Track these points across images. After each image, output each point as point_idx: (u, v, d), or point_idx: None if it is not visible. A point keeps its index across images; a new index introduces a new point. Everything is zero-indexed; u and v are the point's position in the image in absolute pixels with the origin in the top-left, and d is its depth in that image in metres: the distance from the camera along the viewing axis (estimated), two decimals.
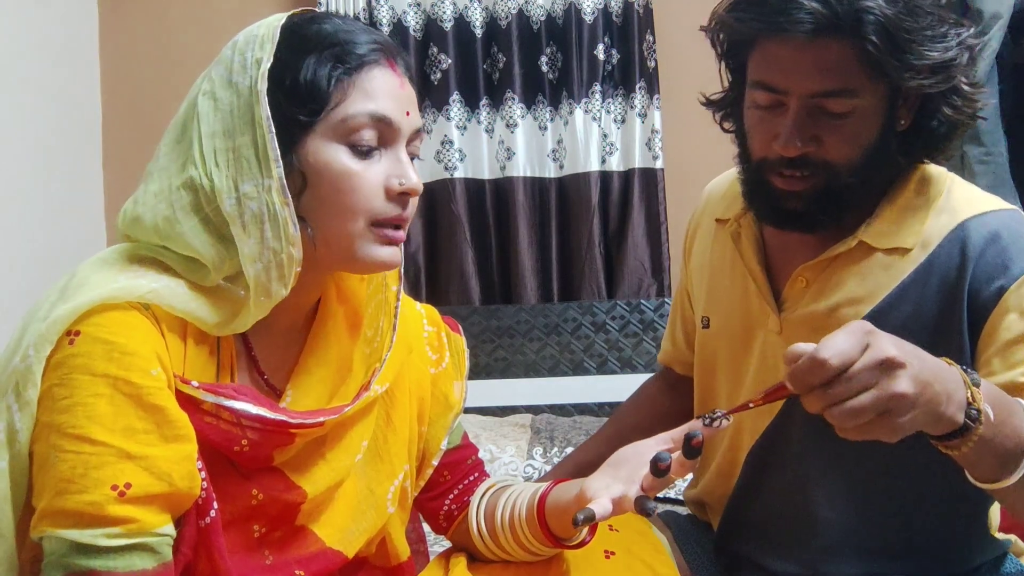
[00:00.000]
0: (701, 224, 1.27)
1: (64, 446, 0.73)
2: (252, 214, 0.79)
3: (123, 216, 0.85)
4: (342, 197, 0.82)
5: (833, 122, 0.97)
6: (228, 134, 0.81)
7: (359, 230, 0.83)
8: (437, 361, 1.03)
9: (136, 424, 0.74)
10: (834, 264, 1.05)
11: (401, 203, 0.85)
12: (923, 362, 0.79)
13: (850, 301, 1.03)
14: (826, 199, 1.01)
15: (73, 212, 2.52)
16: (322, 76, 0.81)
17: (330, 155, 0.82)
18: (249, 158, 0.80)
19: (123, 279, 0.79)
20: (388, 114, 0.83)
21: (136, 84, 2.63)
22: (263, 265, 0.80)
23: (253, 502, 0.83)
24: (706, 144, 2.58)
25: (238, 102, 0.81)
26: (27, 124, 2.32)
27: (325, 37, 0.83)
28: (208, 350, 0.83)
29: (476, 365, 2.39)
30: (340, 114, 0.81)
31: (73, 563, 0.72)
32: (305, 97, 0.81)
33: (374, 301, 0.94)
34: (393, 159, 0.85)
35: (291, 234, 0.80)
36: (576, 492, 0.90)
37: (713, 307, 1.19)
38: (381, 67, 0.84)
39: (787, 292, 1.09)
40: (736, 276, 1.15)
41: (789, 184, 1.01)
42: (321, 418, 0.84)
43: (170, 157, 0.84)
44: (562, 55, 2.53)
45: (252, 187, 0.79)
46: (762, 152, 1.03)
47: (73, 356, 0.74)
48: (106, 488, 0.72)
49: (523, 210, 2.52)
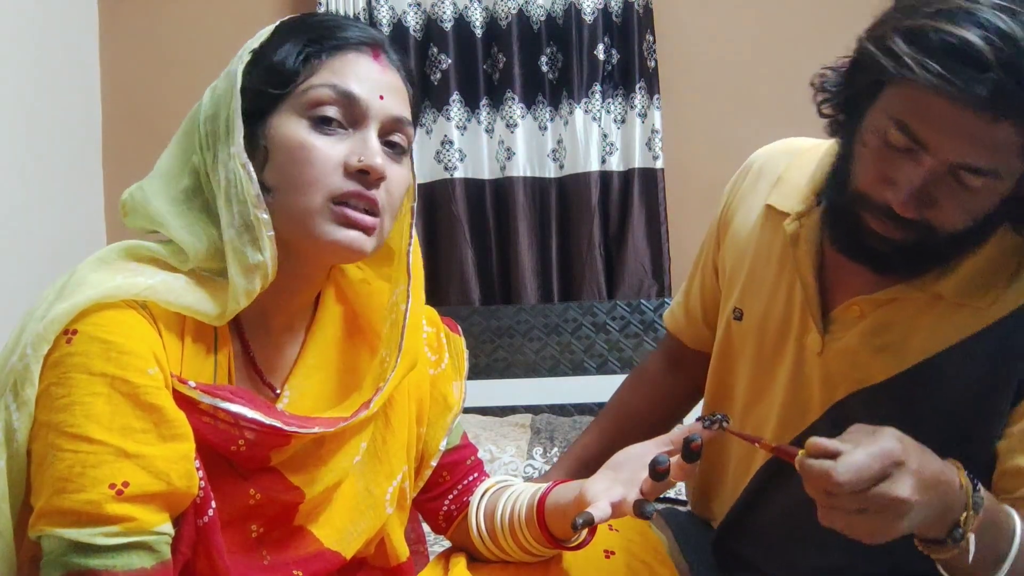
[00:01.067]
0: (746, 200, 1.18)
1: (62, 445, 0.73)
2: (224, 182, 0.81)
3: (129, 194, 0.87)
4: (298, 169, 0.82)
5: (960, 193, 0.88)
6: (214, 116, 0.83)
7: (317, 205, 0.82)
8: (436, 362, 1.02)
9: (133, 423, 0.74)
10: (895, 304, 0.99)
11: (361, 181, 0.83)
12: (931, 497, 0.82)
13: (903, 348, 0.98)
14: (914, 252, 0.94)
15: (73, 212, 2.52)
16: (293, 53, 0.83)
17: (291, 128, 0.82)
18: (222, 130, 0.82)
19: (120, 278, 0.79)
20: (353, 91, 0.83)
21: (136, 84, 2.63)
22: (235, 230, 0.81)
23: (251, 502, 0.83)
24: (706, 144, 2.60)
25: (226, 86, 0.83)
26: (27, 124, 2.32)
27: (310, 25, 0.86)
28: (205, 349, 0.83)
29: (476, 365, 2.40)
30: (305, 88, 0.83)
31: (72, 562, 0.72)
32: (275, 72, 0.83)
33: (388, 321, 0.93)
34: (359, 140, 0.84)
35: (252, 195, 0.80)
36: (576, 494, 0.90)
37: (749, 301, 1.13)
38: (359, 52, 0.85)
39: (837, 315, 1.03)
40: (783, 278, 1.09)
41: (884, 229, 0.93)
42: (316, 428, 0.84)
43: (176, 147, 0.87)
44: (562, 55, 2.52)
45: (223, 157, 0.81)
46: (868, 188, 0.93)
47: (70, 355, 0.74)
48: (104, 487, 0.72)
49: (523, 210, 2.51)
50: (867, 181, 0.93)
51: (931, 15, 0.84)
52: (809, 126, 1.13)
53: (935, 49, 0.83)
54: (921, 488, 0.81)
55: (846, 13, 2.48)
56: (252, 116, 0.82)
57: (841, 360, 1.02)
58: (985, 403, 0.97)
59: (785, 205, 1.09)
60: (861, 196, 0.94)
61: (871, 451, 0.80)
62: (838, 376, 1.02)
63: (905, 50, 0.84)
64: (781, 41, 2.55)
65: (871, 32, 0.92)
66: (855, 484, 0.78)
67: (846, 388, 1.02)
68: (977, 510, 0.86)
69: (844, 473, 0.78)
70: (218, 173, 0.82)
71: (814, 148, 1.13)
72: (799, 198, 1.08)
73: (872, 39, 0.91)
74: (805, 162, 1.12)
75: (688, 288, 1.30)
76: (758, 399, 1.12)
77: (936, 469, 0.84)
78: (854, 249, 0.97)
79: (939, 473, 0.84)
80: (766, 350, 1.10)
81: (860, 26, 0.97)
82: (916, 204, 0.89)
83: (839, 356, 1.02)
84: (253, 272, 0.81)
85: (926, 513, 0.83)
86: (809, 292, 1.04)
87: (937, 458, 0.86)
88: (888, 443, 0.81)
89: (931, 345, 0.97)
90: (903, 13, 0.88)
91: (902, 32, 0.86)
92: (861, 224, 0.94)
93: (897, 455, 0.80)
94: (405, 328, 0.91)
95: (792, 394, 1.06)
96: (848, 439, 0.84)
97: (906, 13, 0.87)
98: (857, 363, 1.00)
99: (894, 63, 0.85)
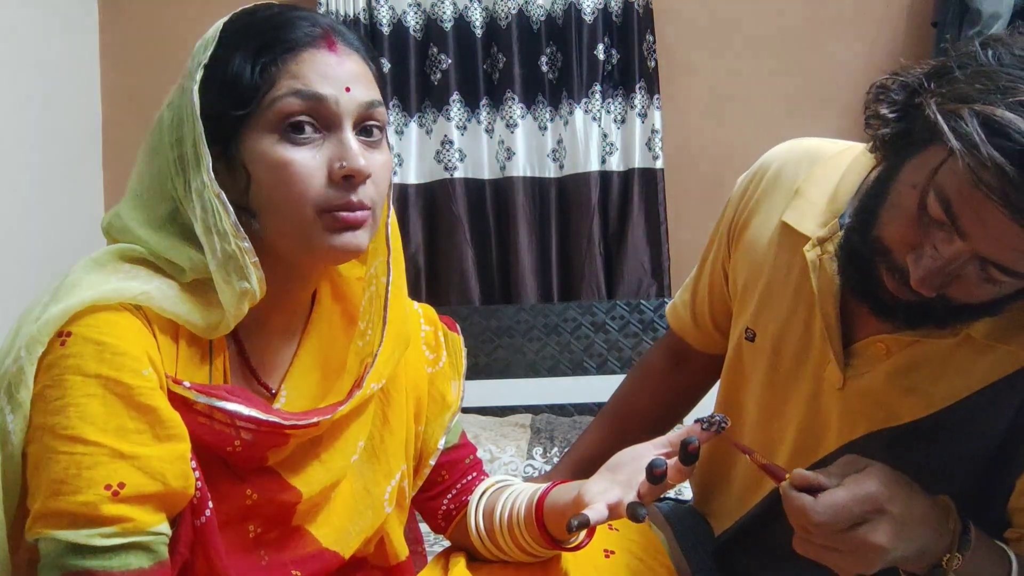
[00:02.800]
0: (761, 208, 1.10)
1: (57, 447, 0.73)
2: (200, 210, 0.79)
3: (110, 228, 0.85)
4: (281, 189, 0.79)
5: (983, 282, 0.83)
6: (180, 139, 0.80)
7: (307, 220, 0.80)
8: (434, 360, 1.02)
9: (128, 424, 0.74)
10: (923, 344, 0.94)
11: (347, 187, 0.80)
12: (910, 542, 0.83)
13: (932, 390, 0.93)
14: (925, 315, 0.89)
15: (73, 212, 2.52)
16: (246, 67, 0.79)
17: (264, 146, 0.79)
18: (191, 158, 0.79)
19: (115, 280, 0.78)
20: (318, 90, 0.79)
21: (136, 84, 2.63)
22: (217, 262, 0.79)
23: (248, 502, 0.83)
24: (706, 144, 2.60)
25: (184, 104, 0.80)
26: (27, 125, 2.32)
27: (256, 27, 0.82)
28: (201, 351, 0.83)
29: (476, 365, 2.40)
30: (268, 100, 0.79)
31: (69, 564, 0.72)
32: (233, 89, 0.79)
33: (367, 294, 0.92)
34: (336, 143, 0.80)
35: (231, 226, 0.78)
36: (574, 495, 0.90)
37: (763, 322, 1.08)
38: (314, 47, 0.81)
39: (860, 349, 0.98)
40: (800, 303, 1.03)
41: (896, 290, 0.87)
42: (315, 418, 0.83)
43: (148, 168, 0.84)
44: (562, 55, 2.53)
45: (198, 183, 0.79)
46: (890, 243, 0.87)
47: (65, 357, 0.74)
48: (100, 488, 0.72)
49: (523, 210, 2.52)
50: (891, 237, 0.87)
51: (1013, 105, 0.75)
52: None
53: (1011, 152, 0.74)
54: (900, 535, 0.82)
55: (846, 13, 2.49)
56: (220, 138, 0.80)
57: (864, 398, 0.98)
58: (1009, 447, 0.93)
59: (804, 226, 1.02)
60: (882, 247, 0.88)
61: (853, 493, 0.81)
62: (859, 414, 0.98)
63: (977, 138, 0.75)
64: (781, 41, 2.55)
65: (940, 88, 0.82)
66: (830, 526, 0.80)
67: (867, 426, 0.98)
68: (964, 552, 0.85)
69: (821, 514, 0.80)
70: (192, 202, 0.80)
71: (836, 157, 1.05)
72: (819, 220, 1.01)
73: (940, 103, 0.80)
74: (826, 174, 1.04)
75: (694, 288, 1.25)
76: (770, 421, 1.09)
77: (921, 513, 0.84)
78: (862, 292, 0.92)
79: (924, 516, 0.84)
80: (780, 375, 1.06)
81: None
82: (935, 283, 0.83)
83: (862, 394, 0.98)
84: (241, 298, 0.80)
85: (903, 555, 0.84)
86: (830, 324, 0.99)
87: (924, 499, 0.85)
88: (871, 487, 0.82)
89: (960, 388, 0.92)
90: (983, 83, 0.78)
91: (978, 114, 0.76)
92: (875, 273, 0.89)
93: (879, 501, 0.81)
94: (388, 301, 0.90)
95: (807, 423, 1.03)
96: (835, 472, 0.84)
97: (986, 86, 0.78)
98: (882, 403, 0.96)
99: (961, 145, 0.76)
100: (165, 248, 0.81)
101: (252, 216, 0.81)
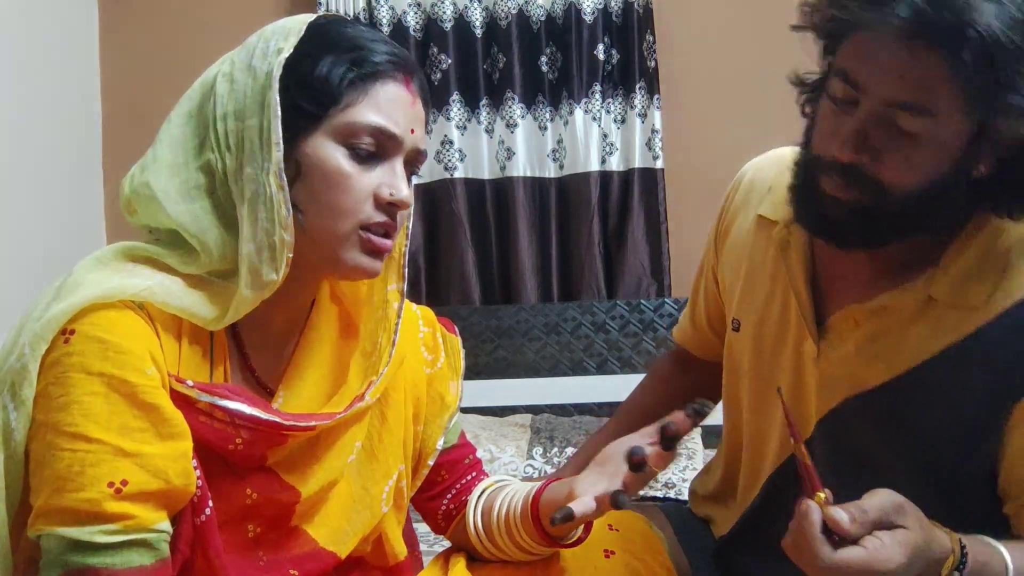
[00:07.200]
0: (740, 212, 1.18)
1: (60, 444, 0.74)
2: (251, 194, 0.81)
3: (130, 182, 0.86)
4: (332, 195, 0.83)
5: (899, 140, 0.88)
6: (239, 116, 0.83)
7: (346, 231, 0.84)
8: (432, 361, 1.03)
9: (131, 422, 0.75)
10: (888, 311, 0.99)
11: (389, 212, 0.86)
12: None
13: (896, 354, 0.98)
14: (869, 220, 0.93)
15: (73, 212, 2.52)
16: (336, 75, 0.82)
17: (328, 153, 0.83)
18: (254, 140, 0.82)
19: (118, 278, 0.79)
20: (393, 130, 0.85)
21: (136, 85, 2.63)
22: (255, 246, 0.81)
23: (248, 501, 0.84)
24: (706, 144, 2.60)
25: (253, 85, 0.83)
26: (28, 125, 2.33)
27: (347, 39, 0.85)
28: (202, 350, 0.84)
29: (476, 365, 2.40)
30: (347, 118, 0.83)
31: (71, 560, 0.72)
32: (316, 92, 0.82)
33: (374, 318, 0.95)
34: (388, 169, 0.86)
35: (283, 216, 0.80)
36: (567, 491, 0.90)
37: (745, 311, 1.13)
38: (396, 81, 0.85)
39: (833, 324, 1.03)
40: (777, 287, 1.09)
41: (835, 190, 0.93)
42: (313, 422, 0.85)
43: (184, 131, 0.85)
44: (562, 55, 2.53)
45: (253, 169, 0.81)
46: (820, 148, 0.95)
47: (68, 355, 0.75)
48: (102, 485, 0.73)
49: (523, 210, 2.52)
50: (819, 141, 0.96)
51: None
52: None
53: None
54: None
55: None
56: (285, 129, 0.82)
57: (837, 368, 1.02)
58: (982, 410, 0.95)
59: (775, 214, 1.10)
60: (815, 159, 0.96)
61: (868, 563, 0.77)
62: (834, 383, 1.02)
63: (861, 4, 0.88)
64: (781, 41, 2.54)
65: None
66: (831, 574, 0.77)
67: (842, 393, 1.02)
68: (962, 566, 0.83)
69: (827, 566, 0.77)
70: (242, 183, 0.82)
71: None
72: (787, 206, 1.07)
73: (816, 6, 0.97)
74: None
75: (693, 301, 1.31)
76: (760, 407, 1.12)
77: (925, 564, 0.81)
78: (814, 221, 0.99)
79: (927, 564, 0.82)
80: (764, 359, 1.10)
81: None
82: (855, 146, 0.90)
83: (836, 364, 1.02)
84: (262, 288, 0.82)
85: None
86: (802, 300, 1.05)
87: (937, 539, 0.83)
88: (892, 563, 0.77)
89: (923, 350, 0.96)
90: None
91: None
92: (817, 189, 0.95)
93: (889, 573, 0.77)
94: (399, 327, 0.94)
95: (792, 399, 1.05)
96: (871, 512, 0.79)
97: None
98: (852, 372, 1.01)
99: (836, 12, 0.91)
100: (195, 224, 0.83)
101: (296, 210, 0.83)
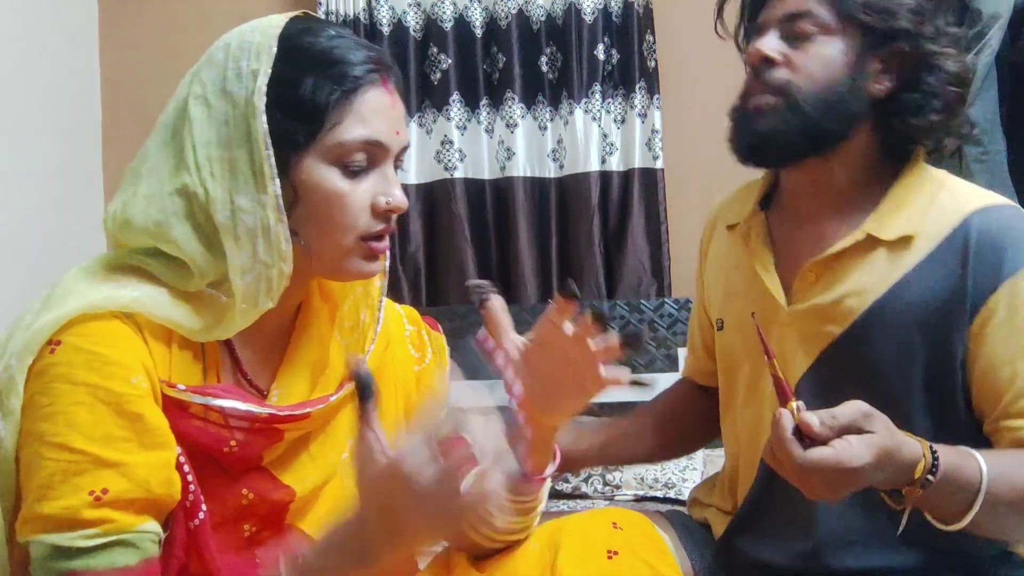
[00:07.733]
0: (713, 237, 1.29)
1: (45, 453, 0.75)
2: (246, 227, 0.80)
3: (112, 218, 0.85)
4: (333, 215, 0.84)
5: (801, 43, 1.07)
6: (223, 144, 0.81)
7: (349, 245, 0.85)
8: (420, 359, 1.04)
9: (115, 432, 0.76)
10: (841, 258, 1.08)
11: (386, 218, 0.87)
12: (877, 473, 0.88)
13: (855, 292, 1.06)
14: (790, 124, 1.06)
15: (73, 212, 2.52)
16: (321, 98, 0.81)
17: (322, 175, 0.83)
18: (245, 172, 0.80)
19: (105, 289, 0.79)
20: (381, 139, 0.85)
21: (136, 84, 2.63)
22: (253, 277, 0.81)
23: (244, 502, 0.84)
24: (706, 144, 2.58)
25: (233, 113, 0.81)
26: (27, 124, 2.32)
27: (322, 53, 0.83)
28: (192, 354, 0.84)
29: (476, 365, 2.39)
30: (336, 138, 0.82)
31: (55, 566, 0.74)
32: (304, 117, 0.81)
33: (353, 293, 0.96)
34: (380, 176, 0.86)
35: (283, 250, 0.81)
36: None
37: (727, 308, 1.21)
38: (375, 87, 0.85)
39: (796, 286, 1.11)
40: (747, 274, 1.17)
41: (758, 100, 1.08)
42: (307, 409, 0.86)
43: (160, 159, 0.84)
44: (562, 55, 2.53)
45: (247, 201, 0.80)
46: (745, 81, 1.12)
47: (54, 365, 0.76)
48: (83, 493, 0.74)
49: (523, 210, 2.52)
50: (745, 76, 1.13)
51: None
52: None
53: None
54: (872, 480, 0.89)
55: None
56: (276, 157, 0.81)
57: (809, 321, 1.09)
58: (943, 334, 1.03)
59: (737, 218, 1.22)
60: (743, 93, 1.12)
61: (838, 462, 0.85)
62: (809, 339, 1.09)
63: None
64: None
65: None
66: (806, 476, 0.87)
67: (817, 348, 1.08)
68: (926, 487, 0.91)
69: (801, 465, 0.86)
70: (235, 215, 0.80)
71: None
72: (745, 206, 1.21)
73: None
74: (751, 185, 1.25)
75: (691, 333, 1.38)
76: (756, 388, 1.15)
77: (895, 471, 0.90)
78: (750, 146, 1.11)
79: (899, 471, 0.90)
80: (751, 343, 1.13)
81: None
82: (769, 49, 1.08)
83: (806, 319, 1.09)
84: (257, 313, 0.83)
85: None
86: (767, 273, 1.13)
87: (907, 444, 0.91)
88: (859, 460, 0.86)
89: (879, 284, 1.05)
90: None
91: None
92: (747, 114, 1.11)
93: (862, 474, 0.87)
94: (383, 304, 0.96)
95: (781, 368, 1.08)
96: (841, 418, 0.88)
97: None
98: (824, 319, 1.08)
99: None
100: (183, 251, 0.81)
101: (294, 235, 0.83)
